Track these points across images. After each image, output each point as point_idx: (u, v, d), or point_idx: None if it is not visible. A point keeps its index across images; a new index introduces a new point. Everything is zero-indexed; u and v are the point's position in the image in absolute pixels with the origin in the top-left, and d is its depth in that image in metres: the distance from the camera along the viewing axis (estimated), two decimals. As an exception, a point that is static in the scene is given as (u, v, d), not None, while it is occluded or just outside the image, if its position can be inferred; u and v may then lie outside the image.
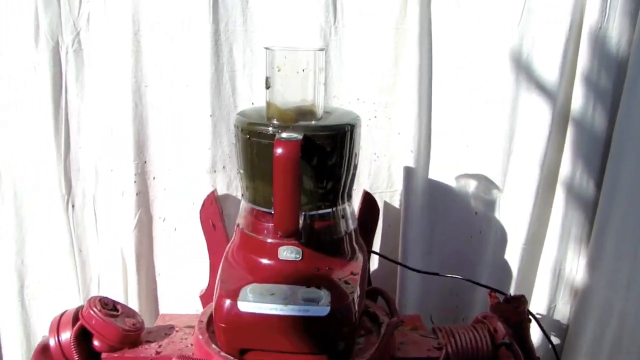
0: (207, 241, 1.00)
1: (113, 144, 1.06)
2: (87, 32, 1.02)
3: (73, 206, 1.09)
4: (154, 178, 1.08)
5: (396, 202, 1.12)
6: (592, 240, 1.08)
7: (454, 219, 1.12)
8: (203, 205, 1.00)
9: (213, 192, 1.02)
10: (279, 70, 0.75)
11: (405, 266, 1.03)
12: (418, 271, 1.00)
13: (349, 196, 0.80)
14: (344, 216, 0.78)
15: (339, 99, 1.04)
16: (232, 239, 0.83)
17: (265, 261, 0.76)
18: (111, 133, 1.06)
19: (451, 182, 1.10)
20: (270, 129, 0.71)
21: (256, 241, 0.77)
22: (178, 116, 1.04)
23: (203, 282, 0.99)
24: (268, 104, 0.77)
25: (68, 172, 1.07)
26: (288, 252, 0.74)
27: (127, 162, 1.05)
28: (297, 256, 0.74)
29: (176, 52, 1.01)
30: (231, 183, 1.08)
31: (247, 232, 0.78)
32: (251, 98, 1.04)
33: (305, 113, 0.75)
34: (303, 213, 0.74)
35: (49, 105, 1.03)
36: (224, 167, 1.06)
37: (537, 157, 1.04)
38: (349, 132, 0.74)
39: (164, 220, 1.10)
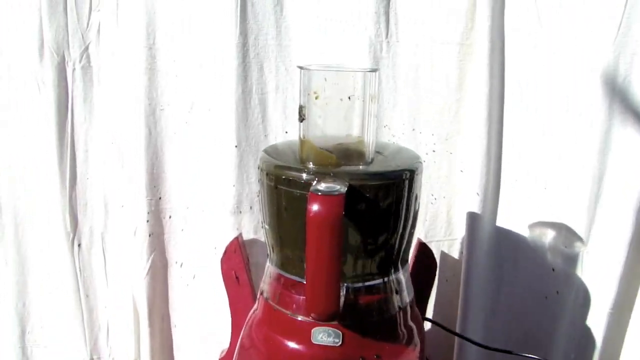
0: (229, 296, 0.84)
1: (124, 176, 0.92)
2: (96, 46, 0.89)
3: (79, 245, 0.95)
4: (169, 217, 0.92)
5: (455, 253, 0.94)
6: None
7: (526, 276, 0.93)
8: (225, 254, 0.84)
9: (237, 238, 0.86)
10: (316, 98, 0.58)
11: (466, 339, 0.84)
12: (482, 346, 0.81)
13: (404, 261, 0.62)
14: (398, 288, 0.60)
15: (391, 129, 0.87)
16: (254, 309, 0.66)
17: (294, 345, 0.58)
18: (122, 163, 0.91)
19: (524, 232, 0.91)
20: (304, 175, 0.54)
21: (284, 318, 0.59)
22: (198, 146, 0.89)
23: (225, 337, 0.84)
24: (302, 141, 0.60)
25: (74, 207, 0.94)
26: (324, 336, 0.57)
27: (140, 198, 0.90)
28: (337, 341, 0.57)
29: (197, 70, 0.86)
30: (259, 226, 0.91)
31: (272, 305, 0.61)
32: (285, 126, 0.88)
33: (351, 154, 0.58)
34: (344, 285, 0.56)
35: (52, 129, 0.90)
36: (251, 208, 0.89)
37: (631, 204, 0.83)
38: (407, 181, 0.56)
39: (181, 266, 0.95)
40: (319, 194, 0.50)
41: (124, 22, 0.87)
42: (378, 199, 0.54)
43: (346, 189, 0.50)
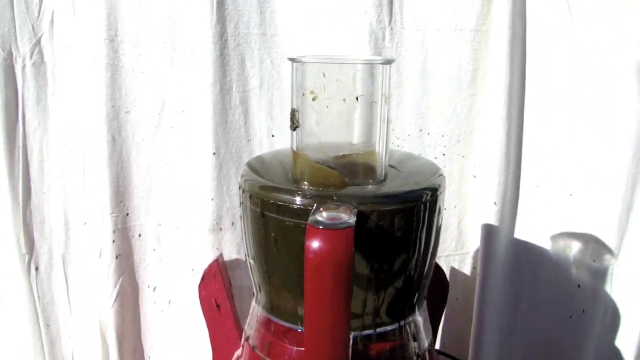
0: (209, 328, 0.73)
1: (86, 189, 0.79)
2: (50, 39, 0.76)
3: (37, 269, 0.83)
4: (139, 235, 0.80)
5: (467, 269, 0.83)
6: None
7: (548, 293, 0.82)
8: (203, 279, 0.72)
9: (217, 260, 0.74)
10: (314, 99, 0.45)
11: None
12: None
13: (423, 299, 0.50)
14: (415, 333, 0.48)
15: (394, 129, 0.75)
16: (239, 355, 0.54)
17: (289, 409, 0.47)
18: (84, 175, 0.79)
19: (546, 244, 0.80)
20: (299, 199, 0.42)
21: (275, 373, 0.48)
22: (170, 153, 0.76)
23: (206, 371, 0.72)
24: (296, 154, 0.47)
25: (29, 225, 0.81)
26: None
27: (104, 214, 0.77)
28: (342, 402, 0.45)
29: (167, 66, 0.74)
30: (243, 242, 0.79)
31: (260, 356, 0.49)
32: (271, 129, 0.76)
33: (357, 170, 0.46)
34: (352, 334, 0.44)
35: (0, 138, 0.76)
36: (232, 224, 0.77)
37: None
38: (429, 203, 0.44)
39: (154, 290, 0.83)
40: (320, 227, 0.38)
41: (81, 10, 0.74)
42: (394, 227, 0.42)
43: (355, 218, 0.38)
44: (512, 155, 0.76)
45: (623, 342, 0.81)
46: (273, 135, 0.76)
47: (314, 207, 0.40)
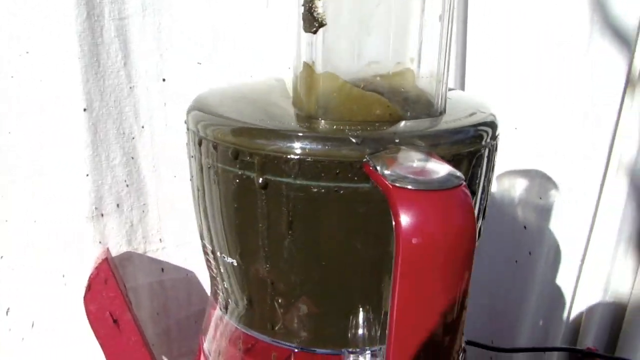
0: (105, 350, 0.53)
1: None
2: None
3: None
4: (-26, 239, 0.55)
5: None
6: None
7: (493, 239, 0.73)
8: (90, 288, 0.51)
9: (105, 260, 0.53)
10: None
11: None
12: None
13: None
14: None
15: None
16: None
17: None
18: None
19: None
20: (343, 148, 0.25)
21: None
22: (17, 114, 0.52)
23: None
24: (313, 73, 0.29)
25: None
26: None
27: None
28: None
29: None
30: (134, 229, 0.58)
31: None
32: (162, 70, 0.55)
33: (405, 98, 0.29)
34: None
35: None
36: (118, 206, 0.56)
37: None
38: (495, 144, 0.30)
39: (7, 313, 0.59)
40: (411, 186, 0.21)
41: None
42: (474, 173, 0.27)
43: (453, 169, 0.22)
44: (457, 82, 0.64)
45: (564, 279, 0.76)
46: (164, 80, 0.55)
47: (370, 156, 0.24)
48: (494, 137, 0.30)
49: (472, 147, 0.27)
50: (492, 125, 0.30)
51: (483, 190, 0.30)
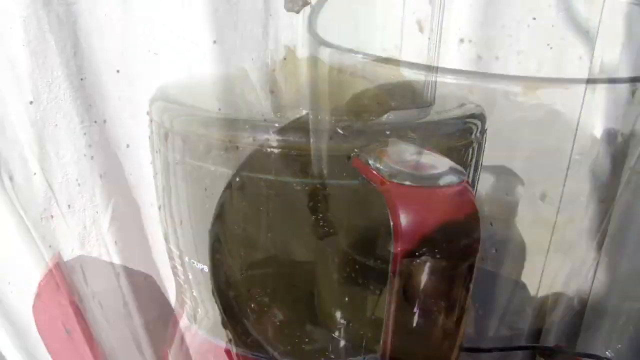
0: None
1: None
2: None
3: None
4: None
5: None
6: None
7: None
8: (39, 296, 0.47)
9: (57, 265, 0.49)
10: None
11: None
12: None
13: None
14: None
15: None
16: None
17: None
18: None
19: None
20: (331, 141, 0.22)
21: None
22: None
23: None
24: (289, 56, 0.26)
25: None
26: None
27: None
28: None
29: None
30: (87, 231, 0.55)
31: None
32: (124, 55, 0.51)
33: (398, 89, 0.27)
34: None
35: None
36: (69, 207, 0.52)
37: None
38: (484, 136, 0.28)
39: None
40: (408, 183, 0.19)
41: None
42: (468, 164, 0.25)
43: (452, 163, 0.21)
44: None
45: (528, 275, 0.76)
46: (119, 71, 0.52)
47: (358, 151, 0.21)
48: (484, 130, 0.29)
49: (464, 140, 0.25)
50: (482, 117, 0.28)
51: (473, 185, 0.28)
